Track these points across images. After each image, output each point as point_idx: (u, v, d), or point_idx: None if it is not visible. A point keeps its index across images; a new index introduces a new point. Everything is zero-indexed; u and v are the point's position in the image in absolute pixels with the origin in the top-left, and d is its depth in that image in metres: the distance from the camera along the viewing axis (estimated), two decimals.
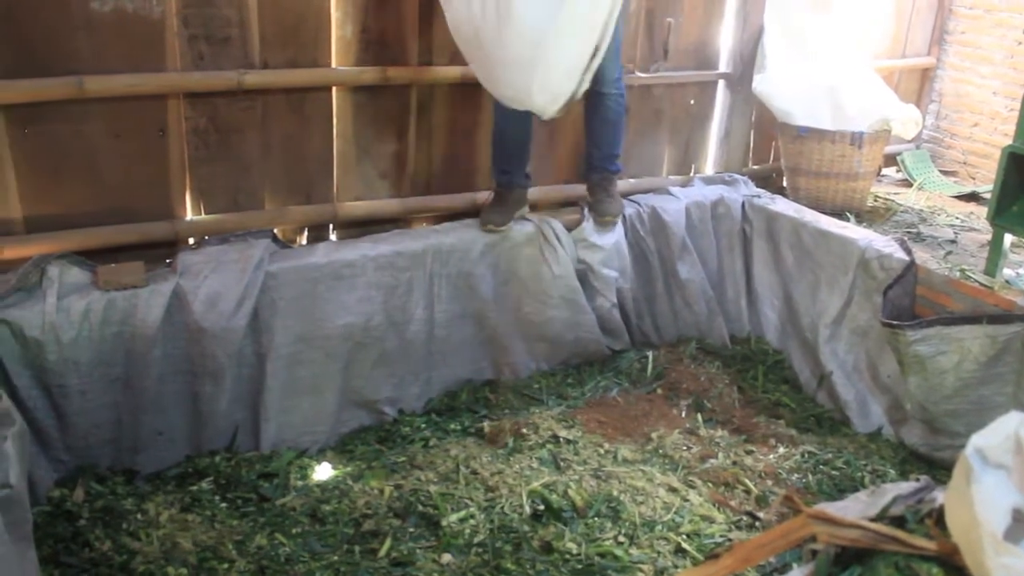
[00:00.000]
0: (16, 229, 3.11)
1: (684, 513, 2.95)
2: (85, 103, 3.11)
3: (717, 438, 3.48)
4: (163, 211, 3.35)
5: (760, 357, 4.17)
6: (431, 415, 3.59)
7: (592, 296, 3.91)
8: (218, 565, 2.59)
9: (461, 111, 3.84)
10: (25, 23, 2.96)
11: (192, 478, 3.06)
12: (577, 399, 3.70)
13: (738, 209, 4.31)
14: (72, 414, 2.96)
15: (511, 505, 2.91)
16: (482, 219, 3.74)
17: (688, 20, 4.36)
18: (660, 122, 4.46)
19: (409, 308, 3.53)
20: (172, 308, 3.05)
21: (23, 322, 2.84)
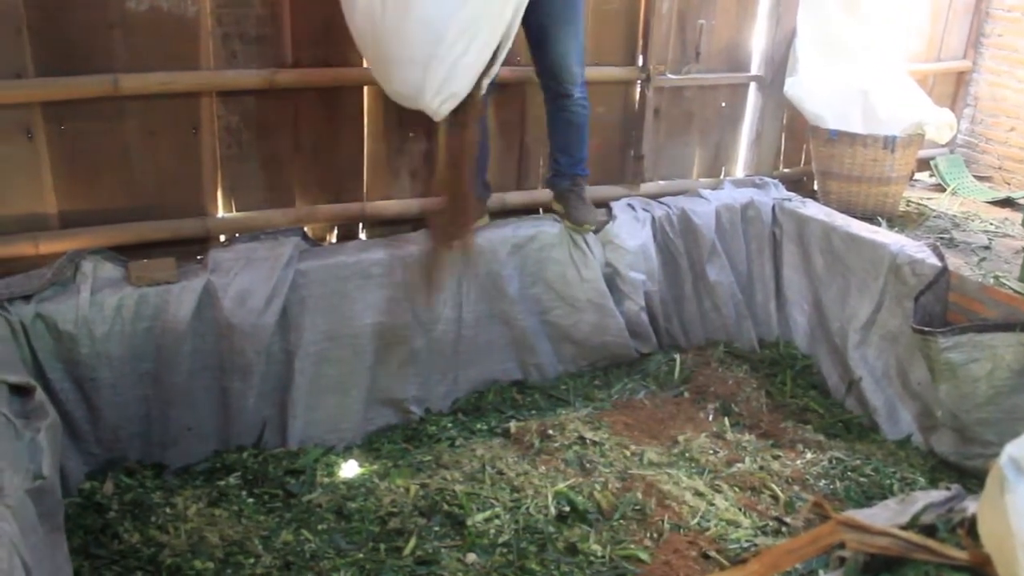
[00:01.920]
0: (51, 224, 3.16)
1: (710, 517, 2.93)
2: (120, 101, 3.15)
3: (744, 442, 3.46)
4: (195, 208, 3.38)
5: (788, 362, 4.14)
6: (457, 415, 3.60)
7: (620, 299, 3.89)
8: (244, 560, 2.60)
9: (492, 111, 3.84)
10: (63, 22, 3.00)
11: (220, 473, 3.09)
12: (604, 401, 3.69)
13: (768, 212, 4.28)
14: (103, 407, 3.00)
15: (536, 506, 2.90)
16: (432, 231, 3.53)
17: (720, 22, 4.34)
18: (691, 124, 4.44)
19: (437, 308, 3.54)
20: (202, 304, 3.08)
21: (57, 316, 2.88)
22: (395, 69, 3.02)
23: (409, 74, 2.98)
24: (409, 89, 3.03)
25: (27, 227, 3.11)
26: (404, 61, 2.96)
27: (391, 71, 3.05)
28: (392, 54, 2.97)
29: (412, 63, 2.94)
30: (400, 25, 2.89)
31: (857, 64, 4.51)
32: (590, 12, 3.91)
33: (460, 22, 2.88)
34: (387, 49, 2.98)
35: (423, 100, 3.01)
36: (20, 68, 2.96)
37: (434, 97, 3.00)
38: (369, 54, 3.13)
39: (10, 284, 2.89)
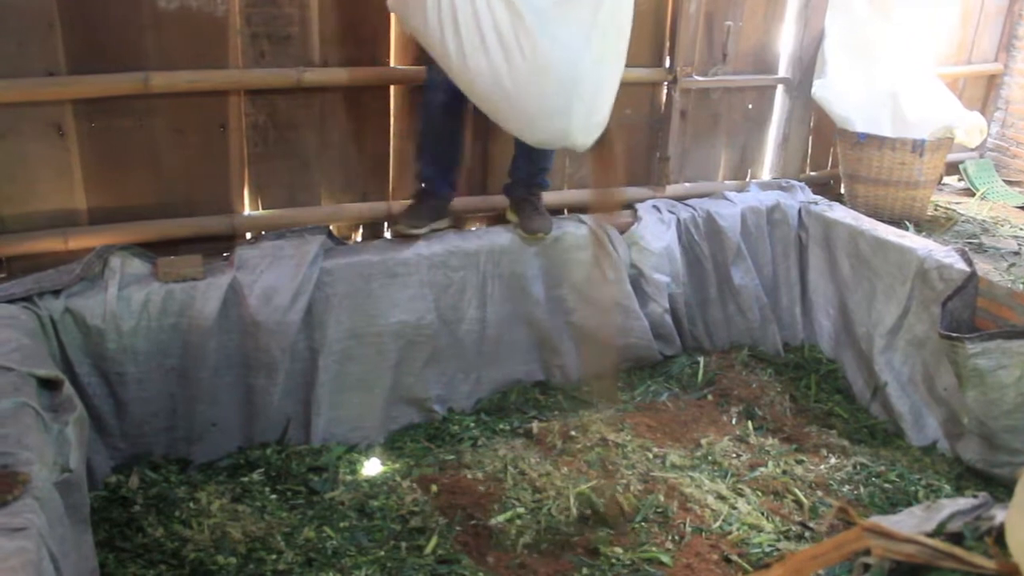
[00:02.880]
0: (80, 220, 3.19)
1: (732, 521, 2.93)
2: (150, 98, 3.17)
3: (767, 446, 3.45)
4: (222, 205, 3.40)
5: (813, 366, 4.12)
6: (480, 414, 3.60)
7: (644, 301, 3.88)
8: (266, 556, 2.61)
9: None
10: (94, 20, 3.02)
11: (243, 469, 3.10)
12: (627, 403, 3.68)
13: (794, 216, 4.26)
14: (129, 402, 3.02)
15: (558, 507, 2.90)
16: (392, 224, 3.56)
17: (748, 24, 4.32)
18: (717, 126, 4.42)
19: (461, 307, 3.54)
20: (228, 301, 3.09)
21: (85, 311, 2.90)
22: (538, 122, 3.02)
23: (553, 124, 2.98)
24: (556, 136, 3.04)
25: (57, 223, 3.15)
26: (545, 114, 2.96)
27: (534, 124, 3.04)
28: (531, 109, 2.97)
29: (555, 113, 2.95)
30: (532, 80, 2.88)
31: (886, 66, 4.48)
32: None
33: (590, 60, 2.90)
34: (524, 106, 2.96)
35: (571, 141, 3.04)
36: (53, 66, 3.00)
37: (582, 136, 3.03)
38: (501, 115, 3.08)
39: (40, 279, 2.92)
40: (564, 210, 4.03)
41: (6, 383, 2.31)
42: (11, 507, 1.83)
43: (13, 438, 2.07)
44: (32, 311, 2.81)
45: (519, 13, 2.82)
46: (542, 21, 2.84)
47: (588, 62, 2.91)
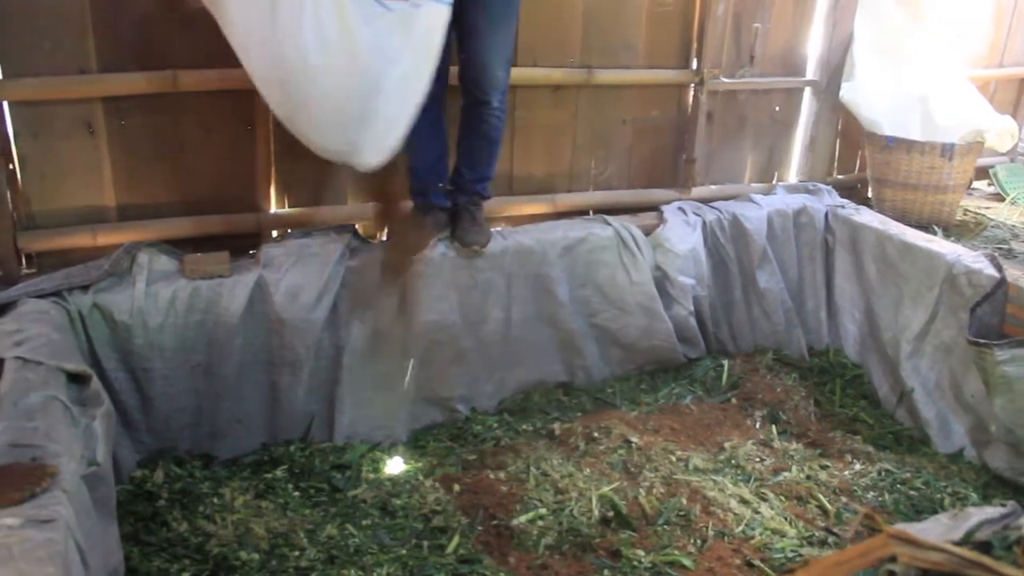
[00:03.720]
0: (109, 216, 3.22)
1: (755, 525, 2.91)
2: (179, 97, 3.20)
3: (791, 451, 3.43)
4: (248, 203, 3.43)
5: (838, 371, 4.09)
6: (503, 415, 3.60)
7: (669, 304, 3.87)
8: (289, 552, 2.62)
9: (545, 112, 3.85)
10: (126, 19, 3.06)
11: (267, 466, 3.12)
12: (650, 405, 3.67)
13: (821, 219, 4.23)
14: (155, 397, 3.04)
15: (580, 509, 2.90)
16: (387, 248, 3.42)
17: (776, 26, 4.29)
18: (743, 128, 4.40)
19: (485, 308, 3.54)
20: (254, 299, 3.11)
21: (113, 307, 2.93)
22: (331, 130, 2.83)
23: (348, 134, 2.80)
24: (343, 147, 2.85)
25: (86, 219, 3.19)
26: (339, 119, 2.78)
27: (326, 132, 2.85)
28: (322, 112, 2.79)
29: (351, 123, 2.78)
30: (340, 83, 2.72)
31: (916, 69, 4.44)
32: (644, 14, 3.91)
33: (399, 77, 2.76)
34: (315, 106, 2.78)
35: (358, 157, 2.85)
36: (84, 64, 3.03)
37: (372, 154, 2.84)
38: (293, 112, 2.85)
39: (69, 274, 2.96)
40: (590, 211, 4.03)
41: (35, 377, 2.34)
42: (40, 499, 1.85)
43: (42, 431, 2.10)
44: (61, 306, 2.85)
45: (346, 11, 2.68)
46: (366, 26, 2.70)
47: (396, 78, 2.76)
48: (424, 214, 3.45)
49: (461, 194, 3.50)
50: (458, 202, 3.51)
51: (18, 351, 2.44)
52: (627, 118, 4.07)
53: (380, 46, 2.73)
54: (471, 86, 3.29)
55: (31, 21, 2.94)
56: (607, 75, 3.91)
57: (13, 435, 2.06)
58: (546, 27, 3.72)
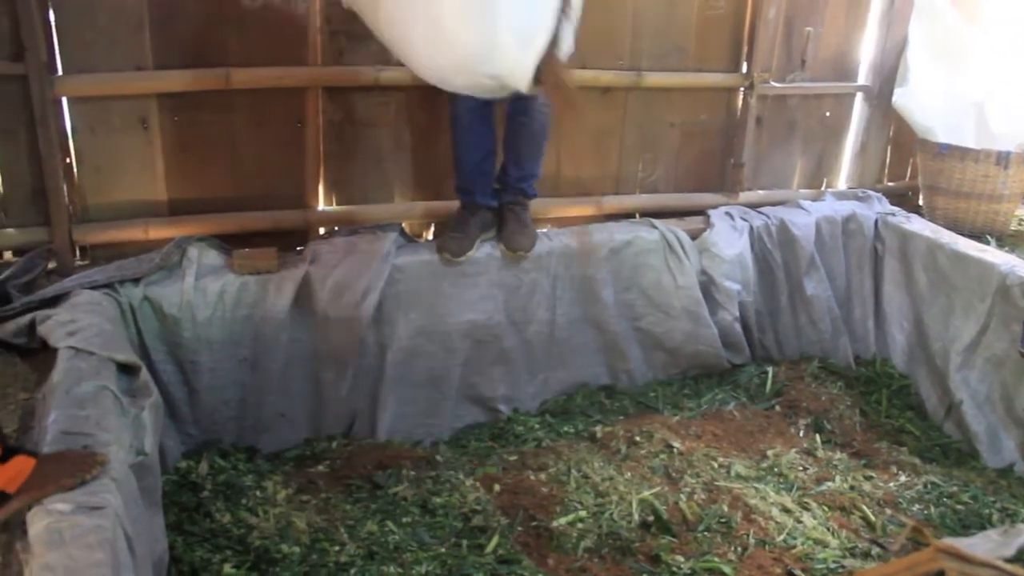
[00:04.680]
0: (161, 211, 3.28)
1: (797, 535, 2.87)
2: (231, 94, 3.24)
3: (835, 461, 3.39)
4: (297, 200, 3.46)
5: (885, 380, 4.03)
6: (545, 416, 3.60)
7: (714, 309, 3.84)
8: (329, 547, 2.64)
9: (593, 115, 3.84)
10: (181, 18, 3.12)
11: (309, 461, 3.15)
12: (693, 410, 3.65)
13: (870, 226, 4.17)
14: (202, 390, 3.09)
15: (620, 512, 2.88)
16: (438, 245, 3.37)
17: (828, 30, 4.24)
18: (793, 133, 4.35)
19: (530, 309, 3.55)
20: (301, 295, 3.14)
21: (163, 299, 2.98)
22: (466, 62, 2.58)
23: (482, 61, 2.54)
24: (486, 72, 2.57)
25: (139, 213, 3.24)
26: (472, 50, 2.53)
27: (461, 65, 2.60)
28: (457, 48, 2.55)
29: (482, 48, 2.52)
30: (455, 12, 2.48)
31: (972, 75, 4.35)
32: (695, 17, 3.89)
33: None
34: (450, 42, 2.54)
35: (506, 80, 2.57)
36: (140, 61, 3.09)
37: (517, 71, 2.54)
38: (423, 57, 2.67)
39: (121, 267, 3.01)
40: (636, 214, 4.01)
41: (87, 367, 2.39)
42: (90, 486, 1.89)
43: (93, 420, 2.14)
44: (113, 298, 2.90)
45: None
46: None
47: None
48: (471, 214, 3.43)
49: (507, 193, 3.46)
50: (504, 201, 3.47)
51: (71, 341, 2.49)
52: (675, 121, 4.04)
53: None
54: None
55: (91, 20, 3.00)
56: (656, 78, 3.89)
57: (65, 423, 2.11)
58: (595, 29, 3.70)
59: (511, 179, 3.43)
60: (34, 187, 3.07)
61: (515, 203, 3.46)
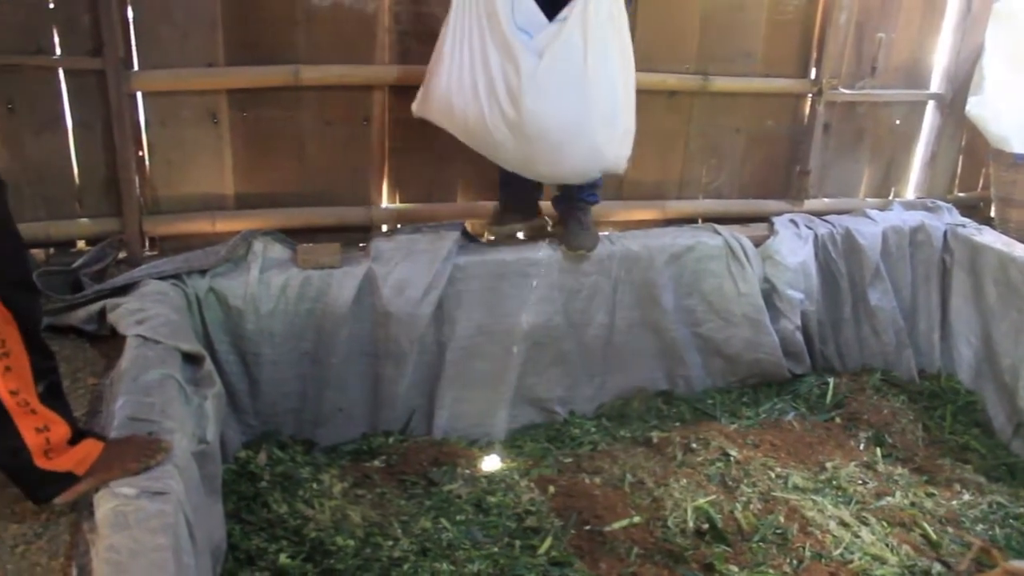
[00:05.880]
0: (228, 204, 3.33)
1: (854, 549, 2.83)
2: (299, 91, 3.29)
3: (896, 475, 3.33)
4: (361, 197, 3.50)
5: (950, 396, 3.95)
6: (601, 419, 3.59)
7: (776, 317, 3.79)
8: (383, 541, 2.66)
9: (658, 118, 3.81)
10: (252, 16, 3.17)
11: (366, 455, 3.18)
12: (751, 419, 3.60)
13: (939, 238, 4.09)
14: (263, 382, 3.14)
15: (675, 519, 2.86)
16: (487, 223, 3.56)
17: (901, 36, 4.16)
18: (861, 141, 4.28)
19: (590, 312, 3.53)
20: (362, 291, 3.17)
21: (228, 291, 3.03)
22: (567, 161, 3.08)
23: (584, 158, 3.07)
24: (592, 165, 3.11)
25: (206, 206, 3.31)
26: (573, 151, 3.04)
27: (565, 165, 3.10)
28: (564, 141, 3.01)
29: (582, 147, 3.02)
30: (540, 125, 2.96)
31: None
32: (764, 22, 3.85)
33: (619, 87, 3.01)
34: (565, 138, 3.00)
35: (608, 164, 3.12)
36: (212, 58, 3.15)
37: (615, 154, 3.11)
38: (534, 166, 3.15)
39: (189, 259, 3.07)
40: (698, 219, 3.98)
41: (154, 355, 2.44)
42: (154, 472, 1.93)
43: (158, 407, 2.19)
44: (180, 288, 2.96)
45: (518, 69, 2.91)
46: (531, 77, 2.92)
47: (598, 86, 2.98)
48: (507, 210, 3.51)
49: (568, 199, 3.49)
50: (565, 207, 3.51)
51: (139, 329, 2.55)
52: (741, 127, 4.00)
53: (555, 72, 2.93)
54: None
55: (167, 17, 3.07)
56: (723, 83, 3.85)
57: (132, 409, 2.16)
58: (663, 33, 3.69)
59: (573, 189, 3.45)
60: (107, 179, 3.15)
61: (577, 209, 3.49)
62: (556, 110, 2.94)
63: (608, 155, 3.08)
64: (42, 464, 1.87)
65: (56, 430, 1.88)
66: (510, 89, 2.92)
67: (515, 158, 3.10)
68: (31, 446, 1.85)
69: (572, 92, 2.94)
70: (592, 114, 2.98)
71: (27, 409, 1.83)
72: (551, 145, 3.00)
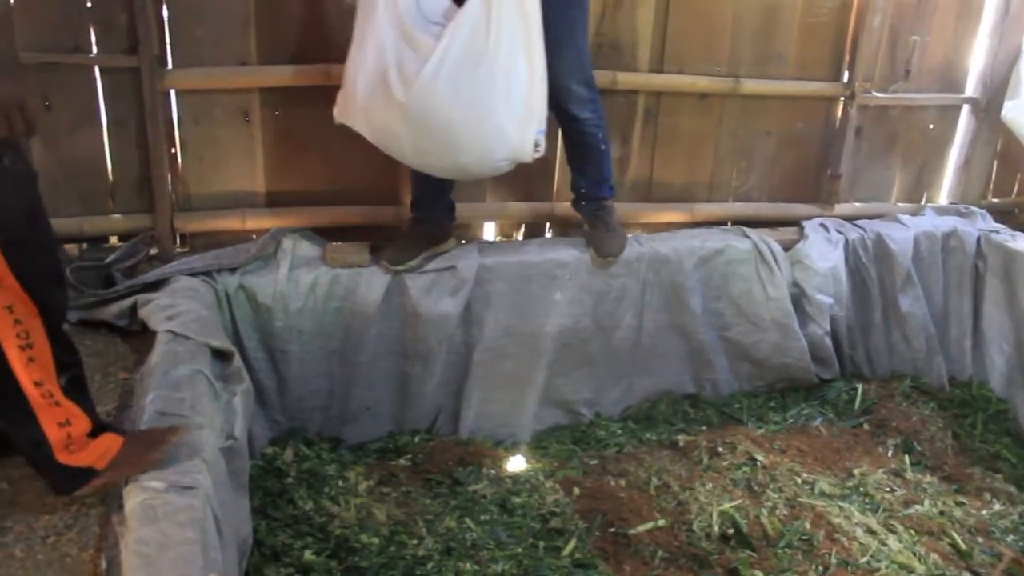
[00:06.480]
0: (258, 202, 3.36)
1: (881, 557, 2.81)
2: (330, 89, 3.26)
3: (924, 484, 3.30)
4: (390, 196, 3.50)
5: (981, 404, 3.89)
6: (628, 422, 3.57)
7: (804, 322, 3.76)
8: (408, 540, 2.67)
9: (688, 120, 3.80)
10: (283, 15, 3.19)
11: (391, 454, 3.20)
12: (778, 424, 3.58)
13: (972, 244, 4.04)
14: (291, 379, 3.16)
15: (700, 524, 2.85)
16: (382, 252, 3.25)
17: (936, 39, 4.11)
18: (893, 146, 4.23)
19: (618, 314, 3.52)
20: (391, 290, 3.18)
21: (257, 289, 3.06)
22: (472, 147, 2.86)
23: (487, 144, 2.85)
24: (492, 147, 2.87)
25: (237, 203, 3.33)
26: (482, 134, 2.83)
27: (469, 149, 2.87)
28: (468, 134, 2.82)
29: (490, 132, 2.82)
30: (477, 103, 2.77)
31: None
32: (797, 24, 3.81)
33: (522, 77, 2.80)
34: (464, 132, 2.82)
35: (518, 155, 2.89)
36: (245, 57, 3.17)
37: (521, 150, 2.88)
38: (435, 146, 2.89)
39: (219, 256, 3.10)
40: (728, 222, 3.96)
41: (184, 351, 2.46)
42: (182, 466, 1.95)
43: (188, 402, 2.21)
44: (210, 285, 2.99)
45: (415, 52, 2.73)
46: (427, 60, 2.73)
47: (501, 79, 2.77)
48: (415, 226, 3.32)
49: (585, 201, 3.43)
50: (585, 210, 3.45)
51: (170, 325, 2.57)
52: (772, 129, 3.97)
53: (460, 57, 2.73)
54: (557, 103, 3.13)
55: (201, 16, 3.10)
56: (754, 85, 3.83)
57: (161, 404, 2.18)
58: (694, 34, 3.67)
59: (584, 188, 3.39)
60: (140, 175, 3.19)
61: (598, 209, 3.43)
62: (450, 91, 2.73)
63: (512, 138, 2.83)
64: (63, 459, 1.89)
65: (78, 424, 1.90)
66: (404, 75, 2.74)
67: (412, 151, 2.90)
68: (53, 441, 1.87)
69: (470, 73, 2.73)
70: (493, 96, 2.77)
71: (51, 401, 1.85)
72: (445, 128, 2.79)
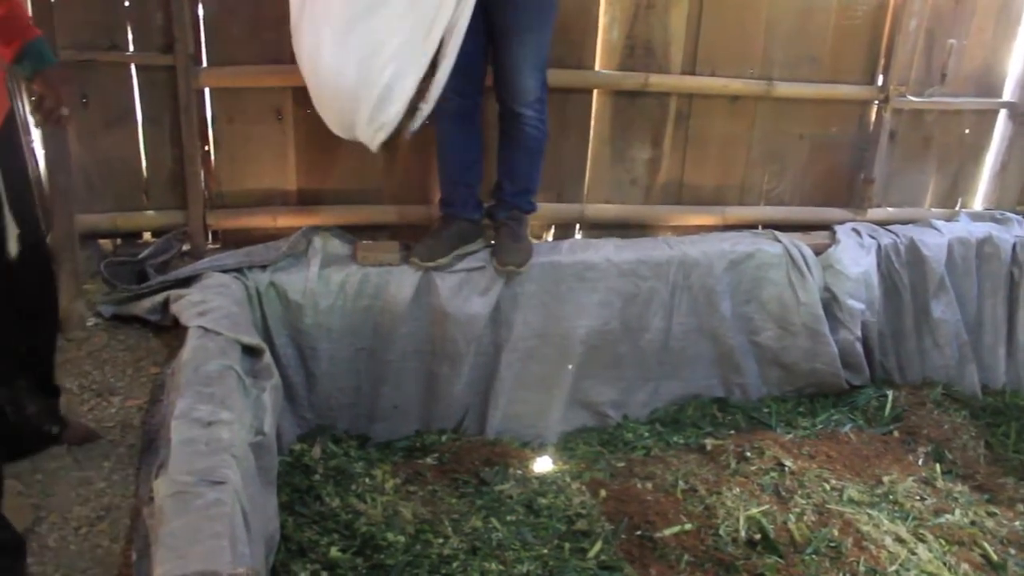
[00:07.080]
0: (290, 200, 3.38)
1: (910, 566, 2.77)
2: None
3: (955, 493, 3.26)
4: (420, 195, 3.52)
5: (1015, 413, 3.85)
6: (655, 425, 3.56)
7: (835, 327, 3.73)
8: (433, 538, 2.67)
9: (720, 123, 3.78)
10: None
11: (418, 452, 3.20)
12: (807, 430, 3.55)
13: (1008, 250, 4.00)
14: (320, 376, 3.18)
15: (726, 528, 2.83)
16: (412, 250, 3.24)
17: (973, 42, 4.06)
18: (928, 150, 4.19)
19: (647, 317, 3.51)
20: (421, 290, 3.20)
21: (288, 286, 3.08)
22: (331, 102, 2.86)
23: (343, 104, 2.80)
24: (344, 120, 2.84)
25: (269, 201, 3.36)
26: (338, 93, 2.79)
27: (328, 104, 2.88)
28: (328, 87, 2.81)
29: (345, 94, 2.76)
30: (336, 59, 2.71)
31: None
32: (831, 27, 3.78)
33: (390, 50, 2.66)
34: (325, 83, 2.82)
35: (357, 131, 2.82)
36: (278, 55, 3.19)
37: (367, 127, 2.79)
38: (312, 92, 2.92)
39: (251, 253, 3.12)
40: (759, 226, 3.93)
41: (215, 346, 2.48)
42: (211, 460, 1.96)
43: (218, 398, 2.23)
44: (241, 282, 3.01)
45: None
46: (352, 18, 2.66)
47: (385, 51, 2.66)
48: (447, 225, 3.30)
49: (502, 209, 3.33)
50: (498, 217, 3.34)
51: (201, 321, 2.60)
52: (804, 133, 3.94)
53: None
54: (502, 96, 3.14)
55: (235, 15, 3.13)
56: (787, 88, 3.80)
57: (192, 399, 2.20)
58: (726, 36, 3.65)
59: (506, 194, 3.31)
60: (174, 172, 3.22)
61: (510, 218, 3.32)
62: (315, 45, 2.74)
63: (361, 113, 2.75)
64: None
65: None
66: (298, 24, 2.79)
67: (313, 92, 2.90)
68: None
69: (332, 32, 2.69)
70: (348, 62, 2.70)
71: None
72: (318, 82, 2.82)
